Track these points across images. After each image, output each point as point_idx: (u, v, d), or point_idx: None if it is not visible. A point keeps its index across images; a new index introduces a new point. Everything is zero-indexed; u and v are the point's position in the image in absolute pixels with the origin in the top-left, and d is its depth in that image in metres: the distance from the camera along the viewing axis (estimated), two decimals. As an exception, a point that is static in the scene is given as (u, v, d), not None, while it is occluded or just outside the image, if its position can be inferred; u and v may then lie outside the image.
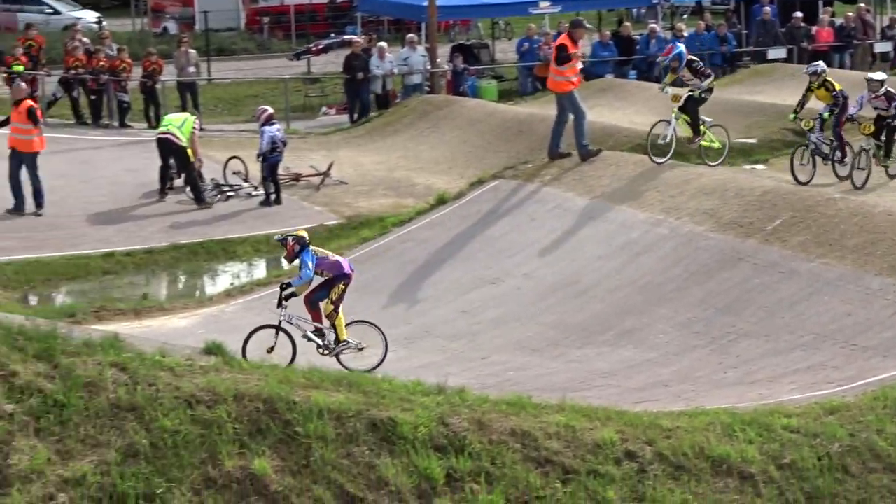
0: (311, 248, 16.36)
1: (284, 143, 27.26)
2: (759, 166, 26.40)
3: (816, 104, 24.66)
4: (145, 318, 19.14)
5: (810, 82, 24.20)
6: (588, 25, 25.43)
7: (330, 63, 43.11)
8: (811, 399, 13.57)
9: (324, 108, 38.65)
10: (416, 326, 18.25)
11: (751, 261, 17.89)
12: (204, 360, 12.22)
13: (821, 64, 24.89)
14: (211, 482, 10.44)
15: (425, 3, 37.91)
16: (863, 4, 45.88)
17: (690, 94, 22.99)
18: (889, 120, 23.46)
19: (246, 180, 27.61)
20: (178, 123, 27.39)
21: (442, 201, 22.75)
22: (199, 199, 26.82)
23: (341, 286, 16.30)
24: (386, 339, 16.78)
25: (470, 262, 19.98)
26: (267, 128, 27.00)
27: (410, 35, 39.32)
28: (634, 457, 11.76)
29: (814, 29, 42.34)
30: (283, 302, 16.30)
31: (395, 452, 11.16)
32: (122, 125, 34.51)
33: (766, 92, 34.70)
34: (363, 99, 36.40)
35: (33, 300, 21.53)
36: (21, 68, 32.93)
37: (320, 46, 48.24)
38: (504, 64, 43.56)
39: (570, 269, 19.10)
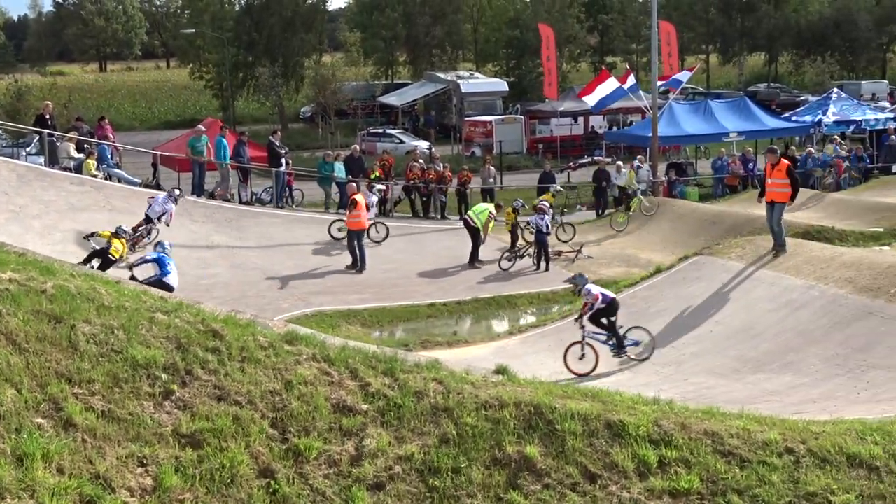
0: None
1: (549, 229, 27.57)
2: (886, 248, 25.44)
3: None
4: (455, 347, 19.39)
5: None
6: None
7: (583, 175, 43.14)
8: (923, 414, 13.01)
9: (578, 206, 38.76)
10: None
11: (879, 314, 17.20)
12: (495, 378, 12.31)
13: None
14: (497, 461, 10.48)
15: (650, 135, 37.73)
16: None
17: None
18: None
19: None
20: (478, 211, 27.95)
21: (658, 270, 22.53)
22: (471, 262, 27.71)
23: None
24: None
25: (677, 313, 19.71)
26: (534, 217, 27.47)
27: (639, 156, 39.15)
28: (792, 452, 11.40)
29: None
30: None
31: (623, 444, 11.05)
32: (443, 217, 35.09)
33: (891, 196, 33.52)
34: (605, 200, 36.43)
35: (382, 334, 21.99)
36: (376, 175, 34.04)
37: (577, 164, 48.46)
38: (703, 176, 42.98)
39: (748, 319, 18.66)
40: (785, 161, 21.13)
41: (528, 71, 78.12)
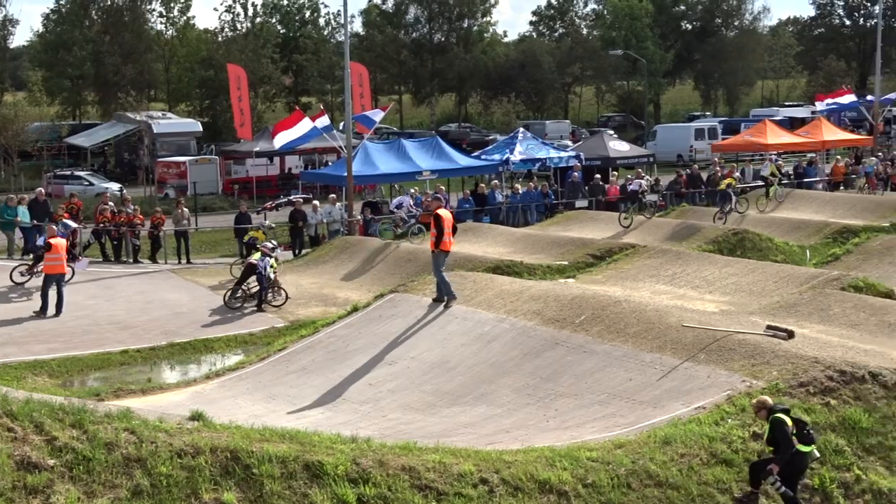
0: None
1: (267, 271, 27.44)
2: (570, 280, 26.67)
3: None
4: (150, 395, 18.84)
5: None
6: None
7: (280, 216, 43.04)
8: (606, 438, 13.65)
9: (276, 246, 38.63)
10: (337, 396, 18.13)
11: (565, 344, 18.00)
12: (190, 424, 12.09)
13: None
14: (193, 510, 10.31)
15: (345, 174, 38.13)
16: (640, 170, 46.91)
17: None
18: None
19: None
20: (258, 257, 27.52)
21: (355, 309, 22.70)
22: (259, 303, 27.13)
23: None
24: None
25: (374, 350, 19.90)
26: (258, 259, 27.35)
27: (332, 195, 39.47)
28: (486, 482, 11.76)
29: (607, 187, 43.21)
30: None
31: (322, 484, 11.08)
32: (135, 262, 34.26)
33: (573, 230, 35.25)
34: (302, 239, 36.54)
35: (71, 385, 21.13)
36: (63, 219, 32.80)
37: (273, 204, 48.32)
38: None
39: (443, 353, 19.08)
40: (440, 211, 21.80)
41: (222, 111, 77.56)
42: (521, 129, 50.53)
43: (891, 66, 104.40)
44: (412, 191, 40.23)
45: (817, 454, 12.71)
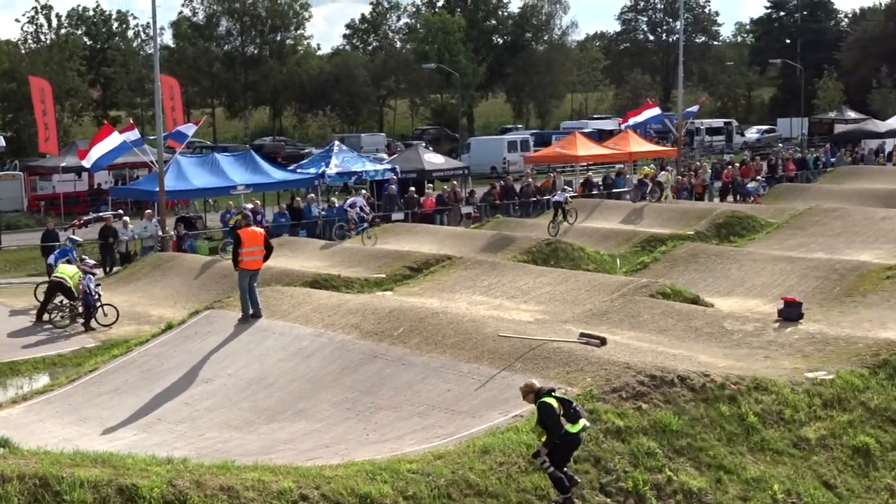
0: None
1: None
2: (388, 293, 26.75)
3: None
4: (-49, 422, 18.06)
5: None
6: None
7: (89, 233, 41.84)
8: (426, 449, 13.70)
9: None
10: (152, 416, 17.72)
11: (383, 357, 18.01)
12: (-5, 451, 11.66)
13: None
14: (-1, 542, 9.91)
15: (157, 189, 37.37)
16: (455, 182, 47.43)
17: None
18: None
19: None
20: (70, 274, 26.87)
21: (170, 326, 22.22)
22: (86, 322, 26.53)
23: None
24: None
25: (190, 368, 19.52)
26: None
27: (148, 211, 38.62)
28: (307, 498, 11.67)
29: (422, 199, 43.54)
30: None
31: (137, 508, 10.83)
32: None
33: (391, 243, 35.37)
34: (113, 257, 35.64)
35: None
36: None
37: (82, 221, 46.95)
38: (213, 229, 43.09)
39: (261, 369, 18.86)
40: (244, 230, 21.73)
41: (27, 125, 75.01)
42: (337, 143, 50.44)
43: (692, 79, 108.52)
44: (364, 192, 41.32)
45: (588, 424, 13.01)
